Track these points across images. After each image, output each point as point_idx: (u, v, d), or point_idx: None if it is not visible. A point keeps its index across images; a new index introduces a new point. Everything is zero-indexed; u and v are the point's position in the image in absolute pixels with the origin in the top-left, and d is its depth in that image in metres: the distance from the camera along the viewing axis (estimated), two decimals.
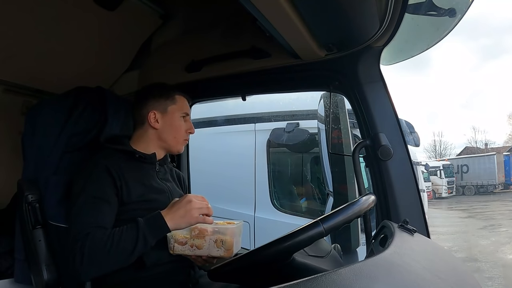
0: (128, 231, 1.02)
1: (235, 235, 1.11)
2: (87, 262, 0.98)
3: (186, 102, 1.29)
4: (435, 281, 0.73)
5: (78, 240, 1.00)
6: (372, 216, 1.24)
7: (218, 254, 1.09)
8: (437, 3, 1.09)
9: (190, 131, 1.28)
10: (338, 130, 2.22)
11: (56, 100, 1.36)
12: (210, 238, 1.08)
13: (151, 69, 1.69)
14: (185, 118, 1.27)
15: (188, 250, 1.09)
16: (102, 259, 1.00)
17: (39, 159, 1.28)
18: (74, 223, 1.05)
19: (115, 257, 1.00)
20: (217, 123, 3.51)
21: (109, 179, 1.11)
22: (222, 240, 1.08)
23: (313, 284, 0.54)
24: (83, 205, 1.06)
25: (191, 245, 1.09)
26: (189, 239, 1.09)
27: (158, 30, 1.66)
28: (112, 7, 1.42)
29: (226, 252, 1.09)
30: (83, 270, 0.99)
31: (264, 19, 0.99)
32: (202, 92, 1.70)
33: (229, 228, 1.09)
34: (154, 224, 1.03)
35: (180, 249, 1.09)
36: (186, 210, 1.03)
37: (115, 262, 1.01)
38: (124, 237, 1.01)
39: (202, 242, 1.08)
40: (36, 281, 1.24)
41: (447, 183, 20.99)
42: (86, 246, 0.98)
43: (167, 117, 1.24)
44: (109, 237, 1.01)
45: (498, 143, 32.88)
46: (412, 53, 1.40)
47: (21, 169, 1.32)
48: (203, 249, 1.09)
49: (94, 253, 0.99)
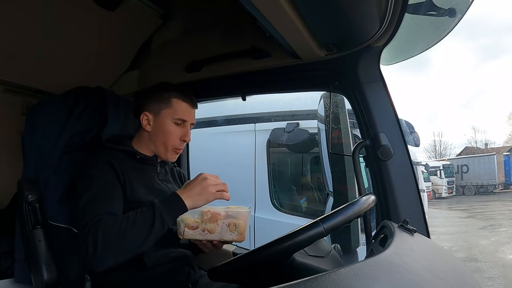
0: (143, 213, 0.97)
1: (247, 219, 1.09)
2: (102, 249, 0.92)
3: (185, 106, 1.20)
4: (435, 281, 0.73)
5: (89, 228, 0.94)
6: (372, 216, 1.24)
7: (231, 238, 1.07)
8: (437, 3, 1.09)
9: (184, 138, 1.19)
10: (338, 130, 2.22)
11: (56, 100, 1.36)
12: (223, 222, 1.06)
13: (151, 69, 1.69)
14: (183, 124, 1.19)
15: (199, 234, 1.07)
16: (117, 245, 0.94)
17: (39, 159, 1.28)
18: (83, 215, 0.99)
19: (131, 240, 0.95)
20: (217, 123, 3.52)
21: (114, 173, 1.09)
22: (236, 224, 1.06)
23: (313, 284, 0.54)
24: (91, 197, 1.02)
25: (203, 230, 1.06)
26: (200, 223, 1.06)
27: (158, 30, 1.66)
28: (112, 7, 1.42)
29: (239, 236, 1.07)
30: (97, 259, 0.93)
31: (264, 19, 0.99)
32: (202, 92, 1.69)
33: (242, 212, 1.07)
34: (171, 203, 0.99)
35: (190, 233, 1.06)
36: (202, 187, 1.01)
37: (131, 247, 0.96)
38: (140, 218, 0.96)
39: (215, 227, 1.06)
40: (36, 281, 1.24)
41: (447, 183, 20.99)
42: (99, 232, 0.93)
43: (158, 121, 1.19)
44: (123, 220, 0.95)
45: (498, 143, 32.93)
46: (412, 53, 1.40)
47: (21, 169, 1.32)
48: (215, 234, 1.06)
49: (108, 238, 0.93)
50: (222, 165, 3.34)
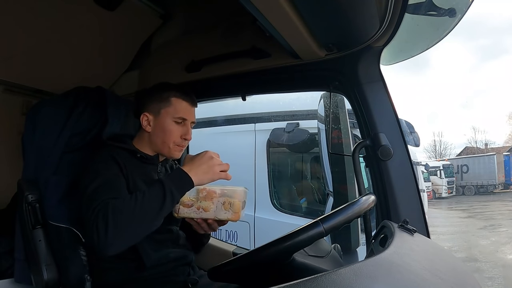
0: (152, 190, 0.97)
1: (242, 198, 1.08)
2: (113, 230, 0.90)
3: (185, 105, 1.20)
4: (435, 281, 0.73)
5: (98, 211, 0.92)
6: (372, 216, 1.24)
7: (225, 217, 1.07)
8: (437, 3, 1.09)
9: (185, 137, 1.19)
10: (338, 130, 2.22)
11: (56, 100, 1.36)
12: (218, 200, 1.06)
13: (151, 69, 1.69)
14: (183, 123, 1.19)
15: (194, 212, 1.06)
16: (129, 223, 0.92)
17: (39, 159, 1.28)
18: (90, 201, 0.97)
19: (142, 218, 0.94)
20: (217, 123, 3.51)
21: (117, 167, 1.09)
22: (231, 202, 1.06)
23: (313, 284, 0.54)
24: (98, 185, 1.01)
25: (198, 208, 1.06)
26: (196, 201, 1.06)
27: (158, 30, 1.67)
28: (112, 7, 1.42)
29: (234, 215, 1.07)
30: (109, 241, 0.91)
31: (264, 19, 0.99)
32: (202, 92, 1.69)
33: (238, 191, 1.07)
34: (180, 180, 1.00)
35: (185, 211, 1.06)
36: (209, 166, 1.02)
37: (142, 224, 0.95)
38: (149, 195, 0.96)
39: (210, 205, 1.06)
40: (36, 281, 1.24)
41: (447, 183, 20.99)
42: (109, 213, 0.91)
43: (158, 120, 1.19)
44: (131, 199, 0.95)
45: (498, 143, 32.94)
46: (412, 53, 1.40)
47: (21, 169, 1.32)
48: (210, 212, 1.06)
49: (119, 217, 0.91)
50: None
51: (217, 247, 1.60)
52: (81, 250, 1.20)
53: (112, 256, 1.11)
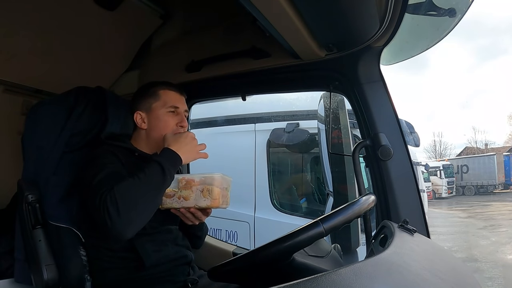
0: (152, 168, 1.01)
1: (221, 184, 1.11)
2: (123, 210, 0.93)
3: (173, 95, 1.24)
4: (435, 281, 0.73)
5: (105, 197, 0.94)
6: (372, 216, 1.24)
7: (205, 204, 1.08)
8: (437, 3, 1.09)
9: (181, 124, 1.22)
10: (338, 130, 2.22)
11: (56, 100, 1.36)
12: (197, 188, 1.08)
13: (151, 69, 1.69)
14: (176, 112, 1.22)
15: (176, 202, 1.09)
16: (137, 201, 0.96)
17: (39, 159, 1.28)
18: (95, 190, 0.98)
19: (148, 194, 0.98)
20: (217, 123, 3.51)
21: (119, 162, 1.12)
22: (209, 189, 1.08)
23: (313, 284, 0.54)
24: (102, 176, 1.03)
25: (179, 197, 1.09)
26: (177, 191, 1.09)
27: (158, 30, 1.67)
28: (112, 7, 1.42)
29: (213, 201, 1.08)
30: (124, 221, 0.93)
31: (264, 19, 0.99)
32: (202, 92, 1.70)
33: (215, 177, 1.09)
34: (171, 158, 1.06)
35: (168, 202, 1.09)
36: (192, 145, 1.11)
37: (148, 200, 0.99)
38: (150, 172, 1.00)
39: (189, 193, 1.08)
40: (36, 281, 1.23)
41: (447, 183, 21.00)
42: (116, 196, 0.94)
43: (152, 116, 1.22)
44: (133, 178, 0.98)
45: (498, 143, 32.97)
46: (412, 53, 1.40)
47: (21, 169, 1.32)
48: (190, 200, 1.08)
49: (127, 196, 0.95)
50: (222, 166, 3.33)
51: (217, 247, 1.60)
52: (81, 250, 1.20)
53: (112, 256, 1.12)
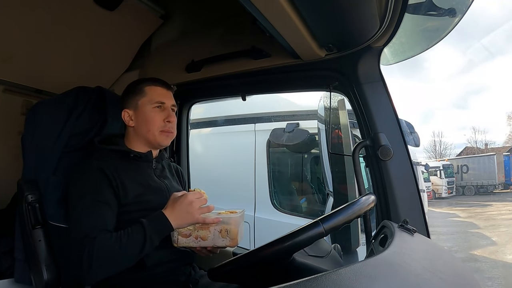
0: (134, 234, 1.02)
1: (239, 223, 1.10)
2: (96, 266, 0.98)
3: (159, 90, 1.22)
4: (435, 281, 0.73)
5: (85, 245, 0.99)
6: (372, 216, 1.24)
7: (223, 244, 1.09)
8: (437, 3, 1.09)
9: (168, 119, 1.20)
10: (338, 130, 2.22)
11: (56, 100, 1.35)
12: (214, 229, 1.08)
13: (151, 69, 1.69)
14: (162, 107, 1.21)
15: (193, 242, 1.08)
16: (110, 263, 1.01)
17: (39, 159, 1.28)
18: (78, 227, 1.04)
19: (123, 259, 1.02)
20: (217, 124, 3.51)
21: (106, 181, 1.10)
22: (227, 229, 1.08)
23: (313, 284, 0.54)
24: (85, 209, 1.05)
25: (196, 237, 1.08)
26: (193, 230, 1.08)
27: (158, 30, 1.67)
28: (112, 7, 1.42)
29: (232, 241, 1.08)
30: (91, 274, 0.99)
31: (264, 19, 0.99)
32: (202, 92, 1.70)
33: (233, 217, 1.09)
34: (159, 226, 1.04)
35: (184, 241, 1.08)
36: (188, 212, 1.05)
37: (123, 264, 1.03)
38: (131, 240, 1.02)
39: (207, 233, 1.08)
40: (36, 281, 1.24)
41: (447, 183, 20.99)
42: (94, 251, 0.98)
43: (138, 112, 1.20)
44: (116, 240, 1.01)
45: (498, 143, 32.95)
46: (412, 53, 1.40)
47: (21, 169, 1.32)
48: (208, 240, 1.08)
49: (102, 257, 0.99)
50: (222, 166, 3.34)
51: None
52: None
53: None
